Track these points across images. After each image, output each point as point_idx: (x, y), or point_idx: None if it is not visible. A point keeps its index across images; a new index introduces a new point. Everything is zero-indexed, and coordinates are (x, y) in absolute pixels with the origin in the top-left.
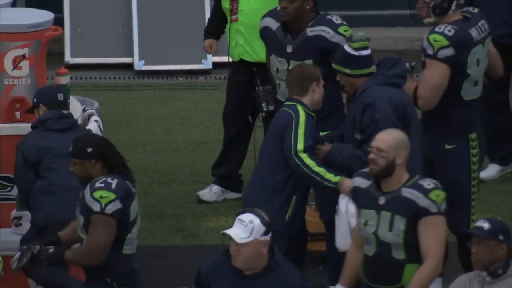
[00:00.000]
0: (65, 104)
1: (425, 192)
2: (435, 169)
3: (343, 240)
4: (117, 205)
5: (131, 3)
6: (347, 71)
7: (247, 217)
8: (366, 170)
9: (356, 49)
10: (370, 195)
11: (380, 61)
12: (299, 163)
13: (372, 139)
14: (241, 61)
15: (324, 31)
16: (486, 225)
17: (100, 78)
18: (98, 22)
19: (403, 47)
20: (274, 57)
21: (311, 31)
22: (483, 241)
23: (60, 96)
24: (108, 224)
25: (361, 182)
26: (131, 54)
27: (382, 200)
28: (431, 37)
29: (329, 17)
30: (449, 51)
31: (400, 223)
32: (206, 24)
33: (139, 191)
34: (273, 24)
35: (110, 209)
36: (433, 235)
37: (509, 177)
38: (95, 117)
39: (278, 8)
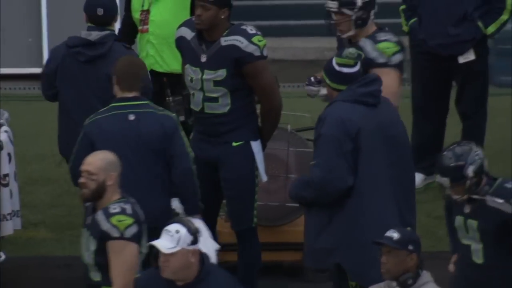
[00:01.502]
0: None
1: (108, 216)
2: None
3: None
4: None
5: (41, 13)
6: (327, 81)
7: (174, 227)
8: None
9: (338, 64)
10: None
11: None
12: (194, 171)
13: (316, 154)
14: (152, 71)
15: (238, 40)
16: (395, 235)
17: (10, 88)
18: (8, 32)
19: (313, 57)
20: (189, 66)
21: (225, 41)
22: (393, 251)
23: (100, 11)
24: None
25: None
26: (41, 65)
27: (88, 220)
28: (381, 46)
29: (243, 27)
30: (401, 57)
31: (92, 244)
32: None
33: (49, 201)
34: (188, 34)
35: None
36: (115, 262)
37: (431, 187)
38: (5, 128)
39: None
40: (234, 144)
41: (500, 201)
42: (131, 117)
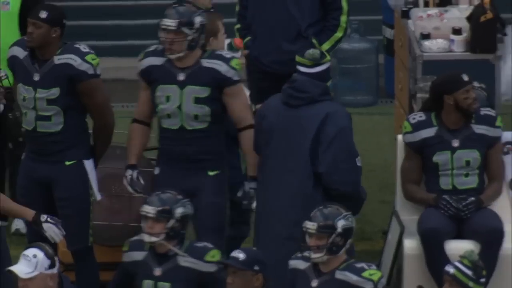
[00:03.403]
0: None
1: None
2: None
3: None
4: None
5: None
6: None
7: (31, 251)
8: None
9: (297, 62)
10: None
11: None
12: None
13: None
14: None
15: (71, 59)
16: (241, 256)
17: None
18: None
19: None
20: (21, 85)
21: (58, 59)
22: (239, 272)
23: None
24: None
25: None
26: None
27: None
28: (234, 62)
29: (76, 45)
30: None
31: None
32: None
33: None
34: (21, 53)
35: None
36: None
37: None
38: None
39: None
40: (66, 163)
41: (193, 260)
42: None
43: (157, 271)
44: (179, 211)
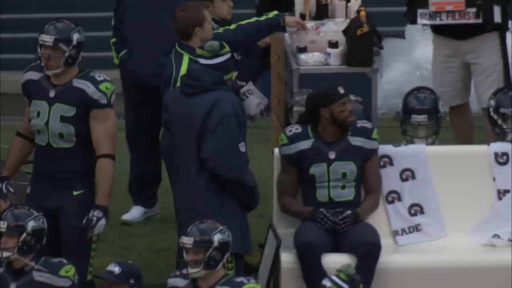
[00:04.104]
0: None
1: None
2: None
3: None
4: None
5: None
6: None
7: None
8: None
9: (197, 54)
10: None
11: None
12: None
13: None
14: None
15: None
16: (117, 269)
17: None
18: None
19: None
20: None
21: None
22: (115, 286)
23: None
24: None
25: None
26: None
27: None
28: (103, 85)
29: None
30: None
31: None
32: None
33: None
34: None
35: None
36: None
37: (152, 220)
38: None
39: None
40: None
41: (48, 275)
42: None
43: (12, 286)
44: (31, 224)
